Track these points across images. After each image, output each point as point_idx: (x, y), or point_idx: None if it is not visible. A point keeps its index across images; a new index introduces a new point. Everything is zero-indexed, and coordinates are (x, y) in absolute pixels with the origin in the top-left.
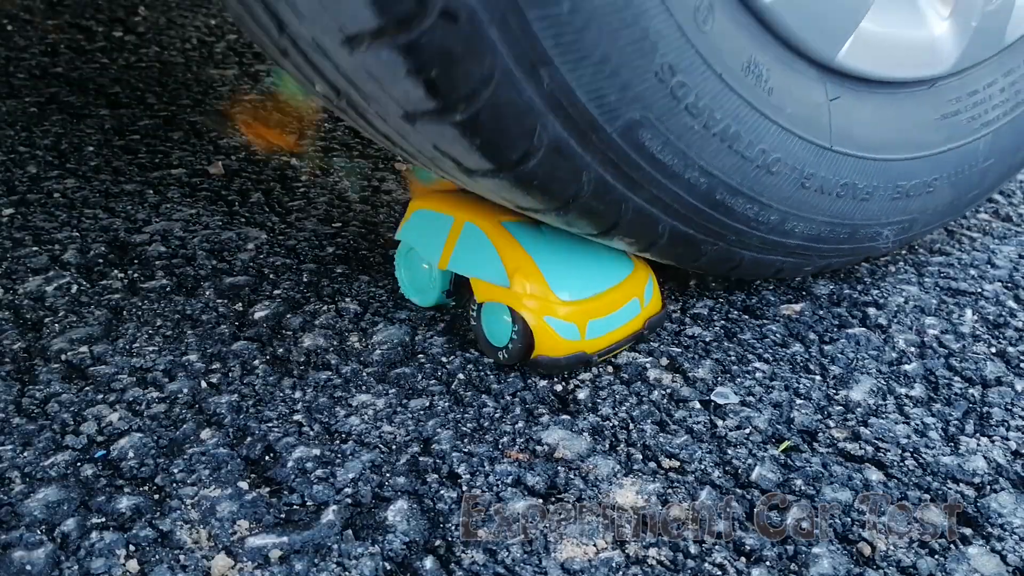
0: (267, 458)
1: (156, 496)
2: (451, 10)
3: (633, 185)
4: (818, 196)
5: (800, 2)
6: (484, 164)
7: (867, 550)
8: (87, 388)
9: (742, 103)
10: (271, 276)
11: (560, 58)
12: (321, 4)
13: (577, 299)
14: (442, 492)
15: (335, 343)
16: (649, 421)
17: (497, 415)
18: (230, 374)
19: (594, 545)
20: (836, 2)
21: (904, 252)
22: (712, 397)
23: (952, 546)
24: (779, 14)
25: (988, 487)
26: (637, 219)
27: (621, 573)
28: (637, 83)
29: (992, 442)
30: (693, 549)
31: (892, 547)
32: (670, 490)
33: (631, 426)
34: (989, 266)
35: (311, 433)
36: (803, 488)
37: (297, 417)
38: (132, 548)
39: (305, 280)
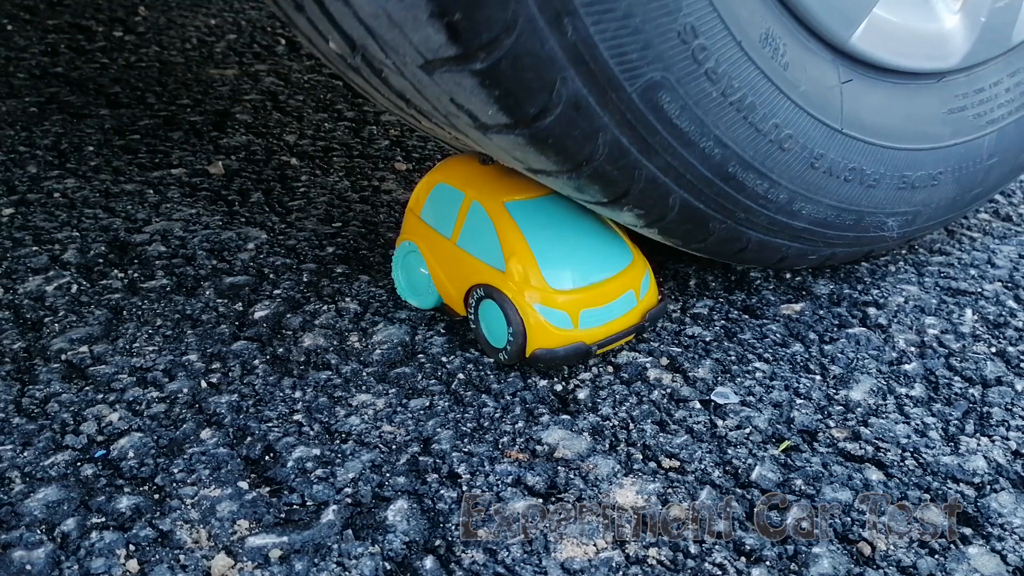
0: (267, 458)
1: (156, 496)
2: None
3: (648, 150)
4: (827, 178)
5: None
6: (501, 118)
7: (867, 550)
8: (87, 388)
9: (759, 74)
10: (271, 276)
11: (585, 9)
12: None
13: (569, 288)
14: (442, 492)
15: (335, 343)
16: (649, 421)
17: (497, 415)
18: (230, 374)
19: (594, 545)
20: None
21: (904, 252)
22: (712, 397)
23: (952, 546)
24: None
25: (988, 487)
26: (649, 188)
27: (621, 573)
28: (659, 42)
29: (992, 442)
30: (693, 549)
31: (892, 547)
32: (670, 490)
33: (631, 426)
34: (989, 266)
35: (311, 433)
36: (803, 488)
37: (297, 417)
38: (132, 548)
39: (305, 280)
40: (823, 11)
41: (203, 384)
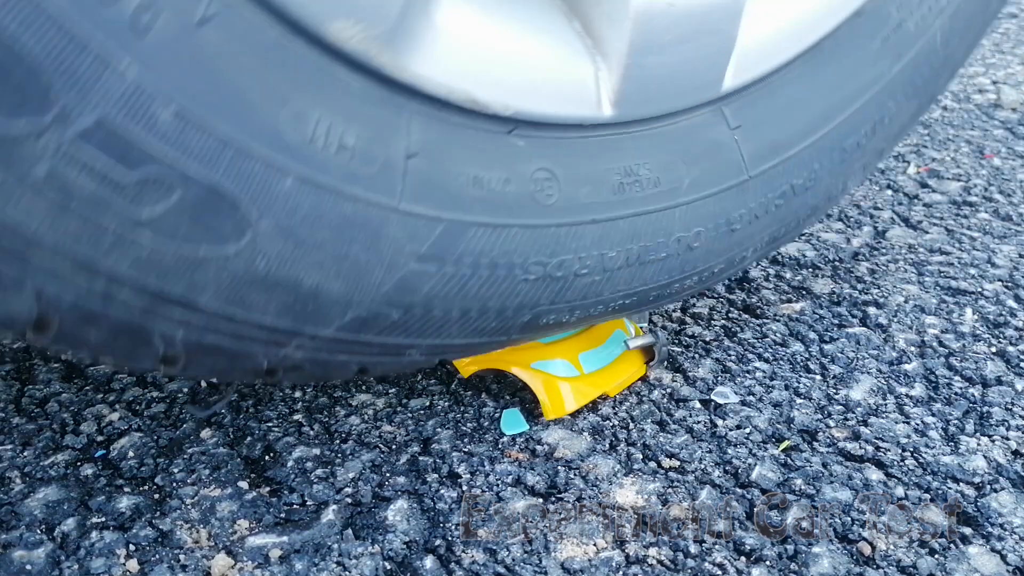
0: (267, 458)
1: (156, 496)
2: None
3: (561, 328)
4: (755, 223)
5: (652, 93)
6: None
7: (867, 550)
8: (87, 387)
9: (629, 217)
10: None
11: None
12: None
13: (557, 337)
14: (442, 492)
15: None
16: (649, 421)
17: (497, 415)
18: None
19: (594, 545)
20: (695, 61)
21: (904, 251)
22: (712, 396)
23: (952, 546)
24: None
25: (988, 487)
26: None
27: (621, 573)
28: (503, 311)
29: (992, 442)
30: (693, 549)
31: (892, 547)
32: (670, 490)
33: (631, 426)
34: (989, 265)
35: (311, 433)
36: (803, 488)
37: (297, 417)
38: (132, 548)
39: None
40: (682, 97)
41: (203, 384)
